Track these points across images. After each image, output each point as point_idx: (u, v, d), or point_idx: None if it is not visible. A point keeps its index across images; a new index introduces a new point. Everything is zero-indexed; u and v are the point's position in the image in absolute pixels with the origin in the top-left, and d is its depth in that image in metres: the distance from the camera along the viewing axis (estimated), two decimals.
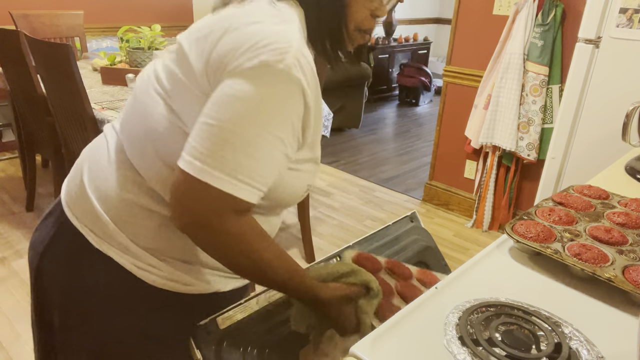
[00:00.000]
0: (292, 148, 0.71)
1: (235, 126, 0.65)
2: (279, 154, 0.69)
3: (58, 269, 0.83)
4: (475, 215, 2.99)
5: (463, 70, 2.95)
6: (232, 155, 0.65)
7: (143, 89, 0.78)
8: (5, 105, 3.32)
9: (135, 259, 0.78)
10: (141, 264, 0.78)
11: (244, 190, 0.66)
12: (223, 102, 0.66)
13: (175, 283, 0.80)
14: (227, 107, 0.65)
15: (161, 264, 0.78)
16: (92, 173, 0.82)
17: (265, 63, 0.64)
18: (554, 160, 2.07)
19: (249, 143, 0.65)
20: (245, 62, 0.65)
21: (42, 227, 0.88)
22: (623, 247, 0.87)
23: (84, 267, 0.80)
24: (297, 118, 0.70)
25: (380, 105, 5.93)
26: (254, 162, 0.66)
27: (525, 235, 0.89)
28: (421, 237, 1.14)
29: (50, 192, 3.04)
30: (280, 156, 0.69)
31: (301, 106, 0.69)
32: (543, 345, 0.64)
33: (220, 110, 0.65)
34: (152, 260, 0.78)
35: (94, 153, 0.86)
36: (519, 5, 2.53)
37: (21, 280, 2.23)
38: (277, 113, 0.67)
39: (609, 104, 1.87)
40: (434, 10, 6.97)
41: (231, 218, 0.67)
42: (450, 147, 3.14)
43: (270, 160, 0.68)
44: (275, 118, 0.67)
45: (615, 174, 1.36)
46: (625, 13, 1.76)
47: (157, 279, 0.79)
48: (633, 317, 0.74)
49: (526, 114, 2.62)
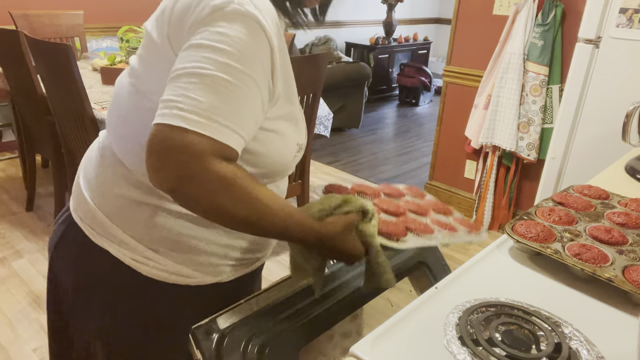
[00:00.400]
0: (265, 93, 0.69)
1: (202, 69, 0.63)
2: (253, 95, 0.66)
3: (66, 266, 0.88)
4: (475, 215, 2.99)
5: (463, 70, 2.94)
6: (204, 97, 0.62)
7: (120, 82, 0.81)
8: (5, 105, 3.32)
9: (132, 253, 0.79)
10: (138, 257, 0.79)
11: (223, 133, 0.63)
12: (187, 54, 0.65)
13: (172, 275, 0.80)
14: (192, 55, 0.64)
15: (157, 256, 0.79)
16: (87, 173, 0.86)
17: (217, 7, 0.65)
18: (554, 160, 2.07)
19: (220, 83, 0.63)
20: (199, 13, 0.66)
21: (55, 228, 0.93)
22: (623, 247, 0.87)
23: (88, 263, 0.83)
24: (265, 56, 0.67)
25: (380, 105, 5.93)
26: (228, 102, 0.63)
27: (525, 235, 0.89)
28: None
29: (50, 192, 3.04)
30: (255, 97, 0.67)
31: (265, 43, 0.67)
32: (543, 345, 0.64)
33: (185, 60, 0.64)
34: (148, 252, 0.79)
35: (88, 154, 0.89)
36: (519, 5, 2.53)
37: (21, 280, 2.23)
38: (242, 50, 0.64)
39: (609, 103, 1.87)
40: (434, 10, 6.97)
41: (217, 162, 0.62)
42: (450, 147, 3.13)
43: (244, 102, 0.65)
44: (242, 56, 0.64)
45: (615, 174, 1.36)
46: (625, 13, 1.76)
47: (154, 271, 0.79)
48: (633, 317, 0.74)
49: (526, 114, 2.62)
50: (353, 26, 5.89)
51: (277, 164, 0.79)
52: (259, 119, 0.70)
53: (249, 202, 0.65)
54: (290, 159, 0.81)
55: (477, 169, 2.99)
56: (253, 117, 0.68)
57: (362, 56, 5.70)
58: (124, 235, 0.79)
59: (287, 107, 0.78)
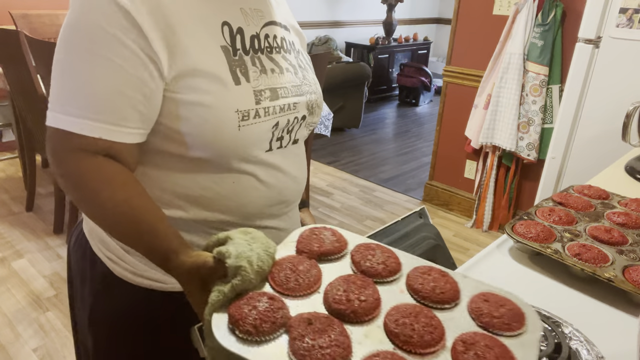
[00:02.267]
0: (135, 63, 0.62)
1: (57, 58, 0.62)
2: (111, 74, 0.61)
3: (72, 257, 0.90)
4: (475, 215, 2.99)
5: (463, 70, 2.94)
6: (60, 89, 0.62)
7: None
8: (6, 105, 3.32)
9: (108, 251, 0.79)
10: (112, 256, 0.78)
11: (76, 123, 0.61)
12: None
13: (145, 280, 0.77)
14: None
15: (128, 257, 0.77)
16: None
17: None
18: (554, 160, 2.07)
19: (72, 70, 0.61)
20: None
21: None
22: (623, 247, 0.87)
23: (78, 258, 0.85)
24: (119, 29, 0.60)
25: (380, 105, 5.93)
26: (79, 89, 0.61)
27: (525, 235, 0.89)
28: (430, 234, 1.13)
29: (50, 192, 3.04)
30: (115, 76, 0.61)
31: (116, 13, 0.60)
32: (543, 346, 0.64)
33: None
34: (121, 252, 0.78)
35: None
36: (519, 5, 2.53)
37: (21, 280, 2.23)
38: (88, 30, 0.60)
39: (609, 104, 1.87)
40: (434, 10, 6.97)
41: (70, 159, 0.62)
42: (450, 147, 3.13)
43: (99, 84, 0.60)
44: (88, 36, 0.60)
45: (615, 174, 1.36)
46: (625, 13, 1.76)
47: (125, 273, 0.78)
48: (633, 317, 0.74)
49: (526, 114, 2.62)
50: (353, 26, 5.89)
51: (219, 142, 0.68)
52: (140, 95, 0.63)
53: (90, 202, 0.64)
54: (232, 131, 0.68)
55: (477, 169, 2.99)
56: (115, 95, 0.62)
57: (362, 56, 5.70)
58: (103, 232, 0.79)
59: (203, 70, 0.66)
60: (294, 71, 0.79)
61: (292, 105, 0.76)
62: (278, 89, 0.74)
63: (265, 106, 0.71)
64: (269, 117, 0.72)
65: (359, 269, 0.65)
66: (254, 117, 0.70)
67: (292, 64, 0.79)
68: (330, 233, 0.70)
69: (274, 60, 0.76)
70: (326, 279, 0.63)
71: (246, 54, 0.72)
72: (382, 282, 0.63)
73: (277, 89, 0.74)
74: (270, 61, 0.75)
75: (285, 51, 0.79)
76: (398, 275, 0.65)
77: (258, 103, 0.70)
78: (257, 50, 0.73)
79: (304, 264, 0.63)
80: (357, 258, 0.66)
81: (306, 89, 0.80)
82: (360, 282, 0.61)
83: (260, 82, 0.72)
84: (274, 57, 0.76)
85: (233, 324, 0.54)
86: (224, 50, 0.69)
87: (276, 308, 0.56)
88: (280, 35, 0.79)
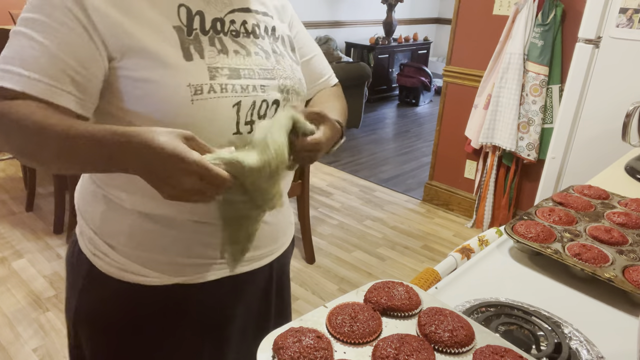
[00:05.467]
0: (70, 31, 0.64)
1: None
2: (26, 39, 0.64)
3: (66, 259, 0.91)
4: (475, 215, 2.99)
5: (463, 70, 2.95)
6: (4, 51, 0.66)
7: None
8: None
9: (92, 246, 0.80)
10: (97, 252, 0.79)
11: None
12: None
13: (127, 273, 0.78)
14: None
15: (113, 252, 0.78)
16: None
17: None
18: (554, 160, 2.07)
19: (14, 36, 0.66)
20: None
21: None
22: (623, 247, 0.87)
23: (71, 257, 0.86)
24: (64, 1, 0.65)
25: (380, 105, 5.93)
26: (17, 51, 0.64)
27: (525, 235, 0.89)
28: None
29: (50, 192, 3.04)
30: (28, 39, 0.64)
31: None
32: (543, 345, 0.64)
33: None
34: (105, 247, 0.79)
35: None
36: (519, 5, 2.53)
37: (21, 280, 2.23)
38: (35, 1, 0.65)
39: (609, 104, 1.87)
40: (434, 10, 6.97)
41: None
42: (450, 147, 3.14)
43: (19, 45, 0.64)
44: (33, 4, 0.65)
45: (615, 174, 1.36)
46: (625, 13, 1.76)
47: (109, 267, 0.79)
48: (633, 317, 0.74)
49: (526, 114, 2.62)
50: (353, 26, 5.89)
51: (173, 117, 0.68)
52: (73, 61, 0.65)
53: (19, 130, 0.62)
54: (186, 104, 0.68)
55: (477, 169, 2.99)
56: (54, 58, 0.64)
57: (362, 56, 5.70)
58: (87, 226, 0.81)
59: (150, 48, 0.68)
60: (265, 56, 0.80)
61: (258, 87, 0.77)
62: (241, 69, 0.75)
63: (221, 82, 0.72)
64: (227, 94, 0.72)
65: (422, 331, 0.61)
66: (208, 91, 0.70)
67: (264, 49, 0.81)
68: (404, 290, 0.68)
69: (240, 43, 0.78)
70: (385, 334, 0.61)
71: (204, 34, 0.74)
72: (444, 351, 0.59)
73: (240, 69, 0.75)
74: (235, 43, 0.77)
75: (257, 37, 0.81)
76: (465, 349, 0.59)
77: (213, 79, 0.71)
78: (218, 32, 0.76)
79: (365, 314, 0.62)
80: (423, 320, 0.62)
81: (279, 74, 0.81)
82: (416, 344, 0.58)
83: (217, 60, 0.73)
84: (240, 40, 0.78)
85: (275, 351, 0.56)
86: (177, 29, 0.71)
87: (319, 347, 0.56)
88: (253, 22, 0.81)
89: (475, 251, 0.94)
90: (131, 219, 0.77)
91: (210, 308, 0.84)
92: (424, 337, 0.61)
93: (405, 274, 2.48)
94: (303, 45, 0.96)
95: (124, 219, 0.77)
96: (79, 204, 0.84)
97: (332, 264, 2.54)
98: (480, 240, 0.96)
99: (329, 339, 0.59)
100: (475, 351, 0.59)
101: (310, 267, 2.50)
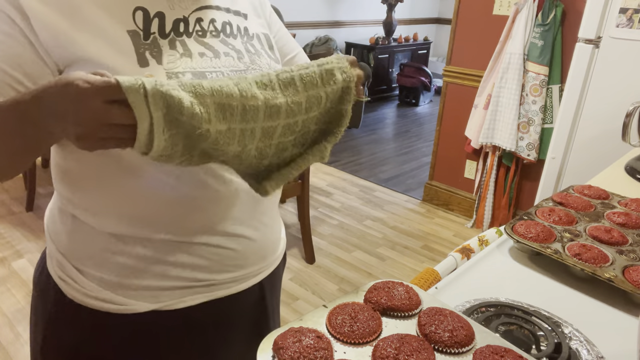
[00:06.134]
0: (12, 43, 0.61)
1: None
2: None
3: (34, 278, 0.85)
4: (475, 215, 2.99)
5: (463, 70, 2.95)
6: None
7: None
8: None
9: (60, 270, 0.75)
10: (65, 277, 0.74)
11: None
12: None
13: (92, 300, 0.72)
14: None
15: (81, 277, 0.73)
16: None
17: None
18: (554, 160, 2.07)
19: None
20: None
21: None
22: (623, 247, 0.87)
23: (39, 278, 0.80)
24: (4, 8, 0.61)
25: (380, 105, 5.93)
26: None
27: (525, 235, 0.89)
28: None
29: (50, 192, 3.04)
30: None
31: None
32: (543, 345, 0.64)
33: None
34: (73, 272, 0.73)
35: None
36: (519, 5, 2.53)
37: (21, 280, 2.23)
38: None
39: (609, 104, 1.87)
40: (434, 10, 6.97)
41: None
42: (450, 147, 3.14)
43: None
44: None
45: (615, 174, 1.36)
46: (625, 13, 1.76)
47: (76, 294, 0.73)
48: (633, 317, 0.74)
49: (526, 114, 2.62)
50: (353, 26, 5.89)
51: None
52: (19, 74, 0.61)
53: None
54: None
55: (477, 169, 2.99)
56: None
57: (362, 56, 5.70)
58: (55, 249, 0.75)
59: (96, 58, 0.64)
60: (237, 56, 0.76)
61: None
62: (207, 72, 0.71)
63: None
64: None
65: (422, 331, 0.61)
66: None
67: (236, 49, 0.76)
68: (404, 290, 0.68)
69: (207, 44, 0.74)
70: (385, 334, 0.61)
71: (164, 37, 0.70)
72: (444, 351, 0.59)
73: (206, 72, 0.71)
74: (200, 45, 0.73)
75: (227, 35, 0.76)
76: (465, 349, 0.59)
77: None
78: (180, 34, 0.71)
79: (364, 314, 0.63)
80: (423, 320, 0.63)
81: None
82: (416, 344, 0.58)
83: (178, 64, 0.69)
84: (208, 41, 0.74)
85: (275, 351, 0.57)
86: (131, 34, 0.67)
87: (319, 347, 0.56)
88: (222, 20, 0.77)
89: (475, 251, 0.94)
90: (101, 241, 0.71)
91: (192, 336, 0.78)
92: (424, 337, 0.61)
93: (405, 274, 2.48)
94: (285, 43, 0.91)
95: (93, 240, 0.71)
96: (47, 224, 0.79)
97: (332, 264, 2.54)
98: (480, 240, 0.96)
99: (329, 339, 0.60)
100: (475, 351, 0.59)
101: (310, 267, 2.50)
